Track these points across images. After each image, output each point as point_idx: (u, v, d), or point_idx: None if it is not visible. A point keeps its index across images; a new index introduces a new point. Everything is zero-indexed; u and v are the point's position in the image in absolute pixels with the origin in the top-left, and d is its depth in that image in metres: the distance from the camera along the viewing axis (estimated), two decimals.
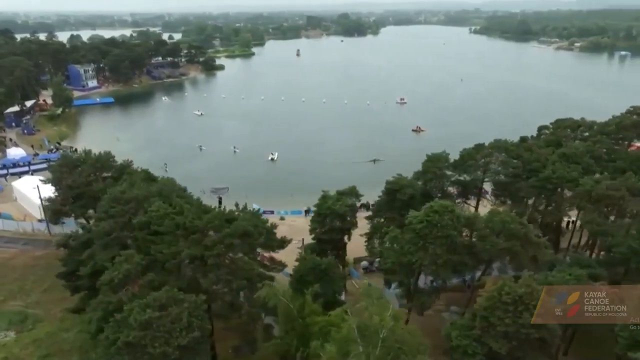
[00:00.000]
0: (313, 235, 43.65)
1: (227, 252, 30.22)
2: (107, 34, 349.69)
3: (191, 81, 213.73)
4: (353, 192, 41.89)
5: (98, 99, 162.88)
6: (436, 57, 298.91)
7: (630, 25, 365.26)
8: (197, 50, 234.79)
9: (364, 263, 53.91)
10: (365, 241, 44.23)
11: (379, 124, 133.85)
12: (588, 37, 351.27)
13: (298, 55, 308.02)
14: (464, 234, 32.96)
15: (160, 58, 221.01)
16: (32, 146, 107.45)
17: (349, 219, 41.84)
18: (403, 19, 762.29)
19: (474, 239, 33.06)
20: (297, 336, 26.19)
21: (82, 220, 63.21)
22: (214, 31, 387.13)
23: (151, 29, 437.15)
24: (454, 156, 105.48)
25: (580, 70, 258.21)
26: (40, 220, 67.45)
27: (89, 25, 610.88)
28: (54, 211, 58.78)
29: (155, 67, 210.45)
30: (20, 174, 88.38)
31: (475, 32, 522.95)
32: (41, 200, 61.77)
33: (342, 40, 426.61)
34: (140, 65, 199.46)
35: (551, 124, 57.76)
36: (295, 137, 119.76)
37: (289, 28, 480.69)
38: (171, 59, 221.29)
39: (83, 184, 56.52)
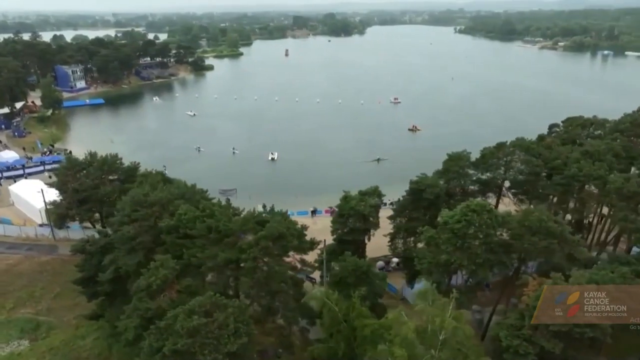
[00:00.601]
0: (334, 237, 43.13)
1: (263, 255, 29.52)
2: (89, 34, 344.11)
3: (181, 82, 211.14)
4: (376, 192, 41.44)
5: (87, 100, 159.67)
6: (425, 56, 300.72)
7: (612, 25, 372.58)
8: (186, 50, 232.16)
9: (380, 263, 53.50)
10: (389, 241, 43.85)
11: (375, 124, 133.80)
12: (571, 37, 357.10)
13: (287, 55, 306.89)
14: (498, 232, 32.74)
15: (148, 58, 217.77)
16: (24, 148, 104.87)
17: (372, 219, 41.39)
18: (388, 19, 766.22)
19: (507, 238, 32.86)
20: (344, 339, 25.63)
21: (88, 224, 62.17)
22: (201, 31, 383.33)
23: (135, 29, 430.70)
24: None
25: (566, 69, 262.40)
26: (41, 225, 65.67)
27: (71, 25, 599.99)
28: (59, 215, 57.31)
29: (144, 68, 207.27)
30: (14, 178, 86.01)
31: (460, 31, 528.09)
32: (45, 204, 60.06)
33: (329, 40, 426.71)
34: (129, 66, 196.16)
35: (562, 122, 58.15)
36: (293, 137, 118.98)
37: (275, 28, 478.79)
38: (160, 59, 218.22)
39: (90, 187, 55.16)
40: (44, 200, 60.01)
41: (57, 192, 59.93)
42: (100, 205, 56.24)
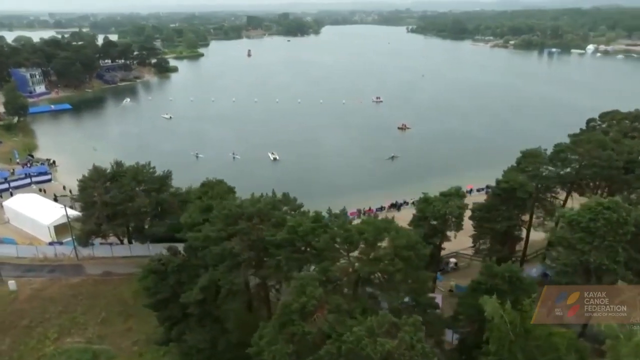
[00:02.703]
0: None
1: (405, 266, 27.82)
2: (29, 35, 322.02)
3: (146, 84, 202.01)
4: (458, 193, 40.64)
5: (53, 106, 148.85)
6: (387, 55, 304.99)
7: (556, 24, 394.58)
8: (149, 51, 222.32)
9: None
10: (473, 242, 43.14)
11: (362, 123, 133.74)
12: (520, 36, 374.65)
13: (249, 55, 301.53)
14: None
15: (109, 61, 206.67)
16: None
17: (455, 220, 40.55)
18: (340, 19, 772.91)
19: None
20: (520, 351, 24.42)
21: (115, 239, 57.43)
22: (154, 32, 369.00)
23: (82, 30, 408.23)
24: (452, 154, 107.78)
25: (525, 66, 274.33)
26: (51, 243, 59.94)
27: (5, 26, 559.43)
28: (87, 232, 52.38)
29: (106, 71, 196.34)
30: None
31: (413, 31, 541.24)
32: (68, 219, 54.71)
33: (289, 40, 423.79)
34: (91, 69, 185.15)
35: (599, 116, 59.86)
36: (289, 137, 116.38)
37: (230, 28, 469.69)
38: (122, 61, 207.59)
39: (124, 199, 50.70)
40: (67, 217, 54.65)
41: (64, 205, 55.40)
42: (137, 218, 51.93)
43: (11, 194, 77.84)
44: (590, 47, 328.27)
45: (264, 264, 32.16)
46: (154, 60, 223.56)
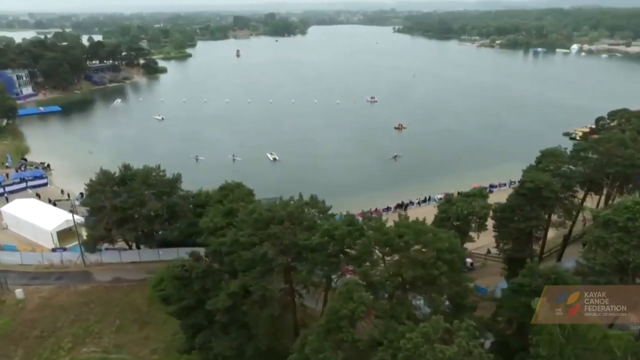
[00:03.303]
0: None
1: (448, 269, 27.42)
2: (9, 35, 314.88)
3: (136, 85, 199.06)
4: (481, 194, 40.47)
5: (42, 108, 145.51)
6: (376, 55, 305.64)
7: (540, 24, 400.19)
8: (138, 52, 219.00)
9: None
10: (496, 243, 42.98)
11: (358, 123, 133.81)
12: (505, 35, 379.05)
13: (238, 55, 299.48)
14: None
15: (97, 62, 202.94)
16: None
17: (479, 221, 40.38)
18: (326, 19, 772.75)
19: None
20: (573, 356, 24.09)
21: (120, 245, 56.03)
22: (140, 32, 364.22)
23: (65, 30, 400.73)
24: (451, 153, 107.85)
25: (513, 65, 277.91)
26: (54, 250, 58.24)
27: None
28: (96, 238, 50.96)
29: (95, 72, 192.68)
30: None
31: (399, 31, 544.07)
32: (75, 225, 53.20)
33: (276, 40, 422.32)
34: (79, 70, 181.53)
35: (608, 115, 60.31)
36: (286, 138, 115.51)
37: (217, 28, 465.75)
38: (111, 62, 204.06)
39: (135, 203, 49.41)
40: (74, 222, 53.12)
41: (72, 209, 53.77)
42: (147, 222, 50.63)
43: (7, 200, 75.69)
44: (575, 47, 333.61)
45: (297, 269, 31.43)
46: (142, 61, 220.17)
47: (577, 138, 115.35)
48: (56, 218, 61.49)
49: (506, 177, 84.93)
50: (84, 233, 62.64)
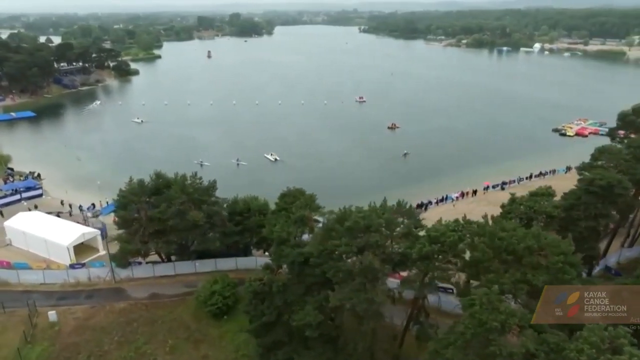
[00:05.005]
0: None
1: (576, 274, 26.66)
2: None
3: (109, 88, 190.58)
4: (548, 193, 40.15)
5: (14, 114, 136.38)
6: (349, 55, 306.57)
7: (504, 24, 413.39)
8: (108, 53, 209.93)
9: None
10: None
11: (352, 123, 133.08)
12: (470, 35, 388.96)
13: (209, 56, 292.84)
14: None
15: (65, 64, 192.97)
16: None
17: (546, 219, 40.00)
18: (289, 20, 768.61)
19: None
20: None
21: (156, 258, 52.59)
22: (102, 33, 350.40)
23: (20, 31, 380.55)
24: (450, 152, 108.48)
25: (484, 64, 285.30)
26: (72, 265, 54.06)
27: None
28: (134, 251, 47.49)
29: (65, 75, 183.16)
30: None
31: (365, 31, 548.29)
32: (105, 235, 49.48)
33: (245, 41, 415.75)
34: (48, 73, 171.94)
35: (633, 108, 61.51)
36: (282, 139, 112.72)
37: (182, 29, 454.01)
38: (80, 64, 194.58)
39: (174, 214, 46.34)
40: (103, 235, 49.36)
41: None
42: (189, 234, 47.67)
43: (1, 214, 70.25)
44: (537, 46, 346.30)
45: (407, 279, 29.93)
46: (113, 63, 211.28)
47: (568, 134, 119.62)
48: (71, 232, 57.21)
49: (509, 174, 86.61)
50: (99, 246, 59.40)
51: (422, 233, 32.19)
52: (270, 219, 40.32)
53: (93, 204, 69.23)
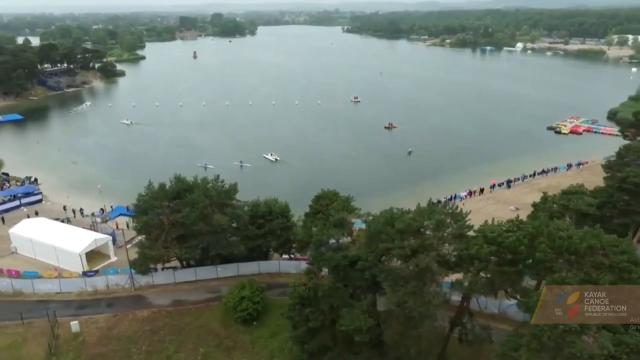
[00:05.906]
0: None
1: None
2: None
3: (96, 90, 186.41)
4: (581, 191, 40.36)
5: (1, 117, 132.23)
6: (335, 54, 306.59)
7: (485, 24, 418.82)
8: (93, 54, 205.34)
9: None
10: None
11: (349, 122, 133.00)
12: (454, 35, 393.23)
13: (195, 57, 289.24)
14: None
15: (49, 65, 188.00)
16: None
17: (575, 217, 40.25)
18: (271, 20, 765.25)
19: None
20: None
21: (177, 264, 51.21)
22: (82, 33, 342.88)
23: None
24: (450, 151, 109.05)
25: (468, 63, 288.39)
26: (85, 273, 52.33)
27: None
28: (156, 257, 46.06)
29: (49, 76, 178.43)
30: None
31: (349, 31, 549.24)
32: (126, 244, 47.89)
33: (230, 41, 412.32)
34: (32, 75, 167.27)
35: None
36: (283, 140, 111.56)
37: (164, 29, 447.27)
38: (65, 65, 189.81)
39: (198, 218, 45.14)
40: (125, 241, 47.79)
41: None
42: (213, 238, 46.46)
43: (2, 220, 67.93)
44: (519, 45, 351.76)
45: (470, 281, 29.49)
46: (98, 64, 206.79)
47: (562, 132, 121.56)
48: (82, 238, 55.54)
49: (511, 172, 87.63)
50: (110, 252, 57.69)
51: (470, 233, 31.91)
52: (306, 221, 39.52)
53: (102, 209, 67.26)
